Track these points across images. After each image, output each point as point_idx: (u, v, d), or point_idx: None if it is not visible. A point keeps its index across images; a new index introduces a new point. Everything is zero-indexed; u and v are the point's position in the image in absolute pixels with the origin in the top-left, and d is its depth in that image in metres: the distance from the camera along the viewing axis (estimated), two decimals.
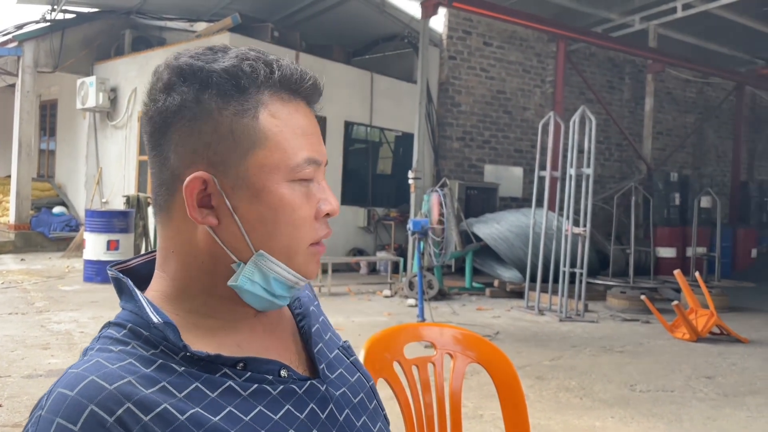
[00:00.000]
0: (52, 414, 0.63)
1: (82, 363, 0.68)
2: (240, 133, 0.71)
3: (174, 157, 0.72)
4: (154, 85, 0.73)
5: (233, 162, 0.71)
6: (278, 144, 0.73)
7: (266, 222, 0.73)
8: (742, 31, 12.03)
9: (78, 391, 0.64)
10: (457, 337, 1.58)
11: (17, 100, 10.80)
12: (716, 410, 3.98)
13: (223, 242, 0.73)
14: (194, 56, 0.73)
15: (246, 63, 0.72)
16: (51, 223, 11.06)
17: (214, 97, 0.71)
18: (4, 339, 4.94)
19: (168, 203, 0.74)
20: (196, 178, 0.71)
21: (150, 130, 0.74)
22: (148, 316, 0.71)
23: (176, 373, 0.69)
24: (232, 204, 0.72)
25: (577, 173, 6.97)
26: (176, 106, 0.71)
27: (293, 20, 10.98)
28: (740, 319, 7.07)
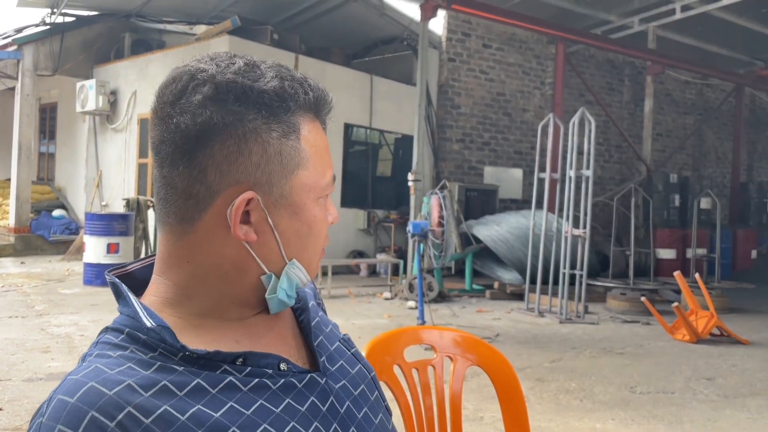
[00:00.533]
0: (53, 421, 0.63)
1: (81, 369, 0.68)
2: (287, 154, 0.74)
3: (214, 172, 0.71)
4: (185, 95, 0.71)
5: (278, 182, 0.74)
6: (314, 165, 0.76)
7: (301, 236, 0.77)
8: (742, 33, 12.05)
9: (78, 398, 0.64)
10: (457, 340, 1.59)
11: (17, 103, 10.81)
12: (717, 412, 3.98)
13: (258, 255, 0.75)
14: (237, 72, 0.72)
15: (287, 83, 0.73)
16: (51, 226, 11.06)
17: (265, 117, 0.72)
18: (4, 342, 4.93)
19: (193, 216, 0.73)
20: (245, 198, 0.72)
21: (179, 141, 0.71)
22: (141, 321, 0.71)
23: (176, 372, 0.69)
24: (273, 221, 0.74)
25: (577, 175, 6.98)
26: (224, 123, 0.70)
27: (293, 23, 11.00)
28: (740, 321, 7.07)
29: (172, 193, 0.73)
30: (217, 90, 0.71)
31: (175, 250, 0.75)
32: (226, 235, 0.73)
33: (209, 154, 0.71)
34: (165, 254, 0.77)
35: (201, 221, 0.73)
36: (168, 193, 0.74)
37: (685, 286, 6.27)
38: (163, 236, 0.77)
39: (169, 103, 0.72)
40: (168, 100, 0.72)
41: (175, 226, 0.75)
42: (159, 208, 0.76)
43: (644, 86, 12.68)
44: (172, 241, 0.76)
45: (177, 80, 0.73)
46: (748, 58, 13.92)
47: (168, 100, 0.72)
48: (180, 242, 0.75)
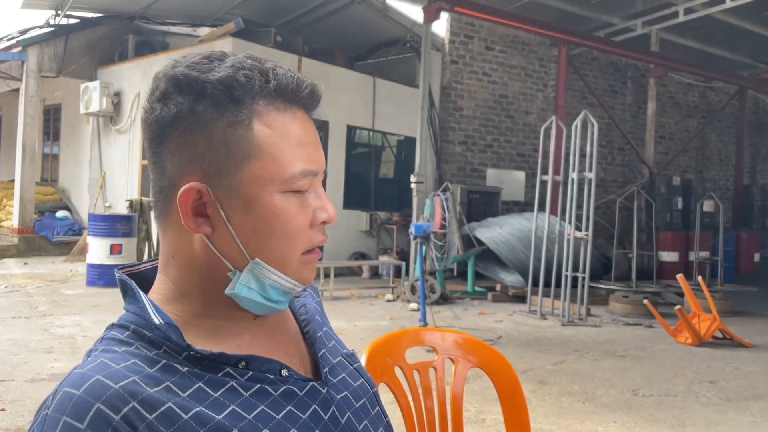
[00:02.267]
0: (59, 413, 0.64)
1: (86, 363, 0.69)
2: (234, 144, 0.72)
3: (170, 165, 0.73)
4: (151, 93, 0.74)
5: (227, 173, 0.72)
6: (272, 156, 0.73)
7: (260, 232, 0.73)
8: (745, 35, 12.04)
9: (84, 390, 0.65)
10: (458, 342, 1.59)
11: (21, 105, 10.84)
12: (719, 415, 3.97)
13: (219, 250, 0.74)
14: (190, 66, 0.73)
15: (241, 73, 0.72)
16: (54, 227, 11.09)
17: (209, 108, 0.71)
18: (8, 343, 4.95)
19: (166, 209, 0.76)
20: (191, 189, 0.72)
21: (148, 138, 0.75)
22: (150, 318, 0.72)
23: (180, 373, 0.70)
24: (225, 214, 0.73)
25: (579, 177, 6.98)
26: (172, 116, 0.72)
27: (296, 25, 11.02)
28: (743, 324, 7.06)
29: (153, 189, 0.77)
30: (167, 84, 0.73)
31: (163, 246, 0.78)
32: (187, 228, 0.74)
33: (165, 148, 0.73)
34: (161, 250, 0.80)
35: (171, 214, 0.75)
36: (153, 190, 0.77)
37: (688, 289, 6.26)
38: (159, 234, 0.81)
39: (146, 103, 0.76)
40: (146, 99, 0.76)
41: (159, 221, 0.78)
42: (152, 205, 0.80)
43: (647, 89, 12.67)
44: (161, 237, 0.79)
45: (153, 80, 0.76)
46: (752, 60, 13.90)
47: (146, 99, 0.76)
48: (164, 237, 0.77)
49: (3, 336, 5.16)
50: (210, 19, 11.00)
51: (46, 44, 10.98)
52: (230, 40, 9.18)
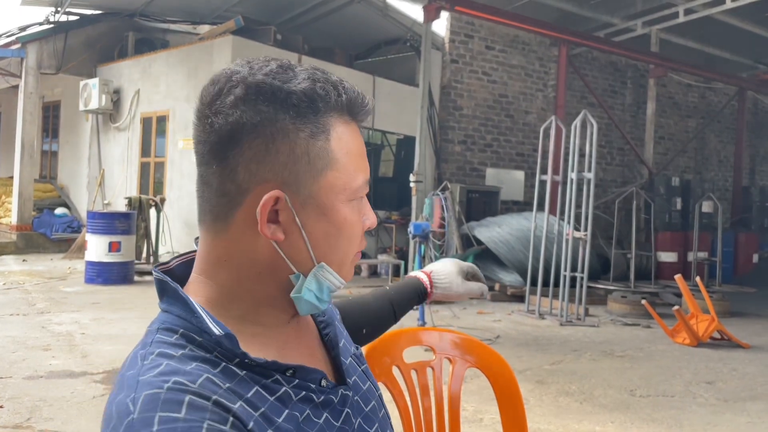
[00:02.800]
0: (150, 412, 0.63)
1: (152, 367, 0.68)
2: (314, 155, 0.74)
3: (244, 171, 0.73)
4: (219, 96, 0.73)
5: (305, 182, 0.74)
6: (345, 166, 0.77)
7: (329, 237, 0.77)
8: (745, 36, 12.04)
9: (169, 388, 0.65)
10: (456, 342, 1.59)
11: (20, 102, 10.83)
12: (717, 416, 3.97)
13: (286, 255, 0.75)
14: (269, 74, 0.74)
15: (318, 85, 0.74)
16: (53, 224, 11.08)
17: (293, 118, 0.73)
18: (6, 340, 4.95)
19: (227, 214, 0.75)
20: (272, 197, 0.73)
21: (214, 141, 0.73)
22: (208, 328, 0.72)
23: (239, 376, 0.71)
24: (300, 220, 0.75)
25: (579, 177, 6.98)
26: (253, 123, 0.72)
27: (296, 23, 11.01)
28: (741, 325, 7.07)
29: (208, 191, 0.76)
30: (247, 91, 0.72)
31: (213, 249, 0.77)
32: (256, 233, 0.74)
33: (239, 153, 0.73)
34: (205, 252, 0.78)
35: (233, 219, 0.75)
36: (204, 191, 0.76)
37: (686, 290, 6.26)
38: (202, 234, 0.78)
39: (207, 104, 0.74)
40: (206, 101, 0.75)
41: (211, 224, 0.76)
42: (198, 205, 0.78)
43: (647, 89, 12.67)
44: (209, 239, 0.77)
45: (215, 82, 0.75)
46: (751, 61, 13.90)
47: (206, 101, 0.75)
48: (216, 239, 0.76)
49: (1, 333, 5.16)
50: (210, 17, 10.99)
51: (46, 41, 10.97)
52: (230, 38, 9.18)
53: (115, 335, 5.25)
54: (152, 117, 10.53)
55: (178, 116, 9.97)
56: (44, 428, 3.28)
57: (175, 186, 9.94)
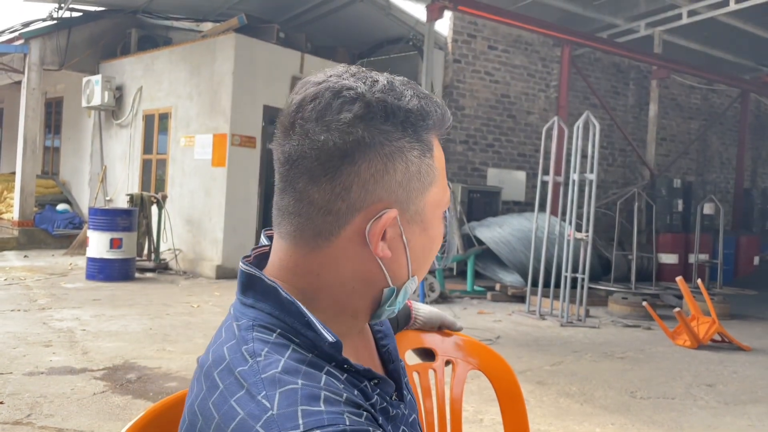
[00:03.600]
0: (291, 407, 0.63)
1: (269, 364, 0.68)
2: (425, 173, 0.75)
3: (359, 190, 0.72)
4: (331, 112, 0.71)
5: (414, 199, 0.75)
6: (441, 182, 0.79)
7: (425, 252, 0.79)
8: (748, 38, 12.03)
9: (303, 383, 0.65)
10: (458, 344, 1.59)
11: (23, 98, 10.83)
12: (717, 418, 3.97)
13: (388, 271, 0.75)
14: (383, 90, 0.72)
15: (424, 102, 0.74)
16: (55, 220, 11.09)
17: (410, 137, 0.73)
18: (6, 336, 4.95)
19: (331, 231, 0.73)
20: (391, 217, 0.73)
21: (324, 157, 0.71)
22: (323, 336, 0.71)
23: (341, 378, 0.71)
24: (406, 237, 0.75)
25: (580, 178, 6.98)
26: (373, 142, 0.71)
27: (299, 21, 11.01)
28: (742, 327, 7.06)
29: (307, 208, 0.73)
30: (368, 109, 0.71)
31: (304, 263, 0.75)
32: (360, 251, 0.73)
33: (355, 172, 0.71)
34: (290, 265, 0.76)
35: (337, 237, 0.73)
36: (302, 208, 0.73)
37: (687, 292, 6.26)
38: (289, 247, 0.76)
39: (313, 119, 0.71)
40: (310, 116, 0.72)
41: (309, 241, 0.74)
42: (287, 220, 0.75)
43: (649, 90, 12.66)
44: (300, 254, 0.75)
45: (318, 97, 0.72)
46: (754, 63, 13.89)
47: (310, 116, 0.72)
48: (311, 255, 0.75)
49: (1, 329, 5.16)
50: (213, 14, 10.98)
51: (49, 37, 10.97)
52: (233, 36, 9.17)
53: (115, 332, 5.26)
54: (154, 114, 10.53)
55: (180, 113, 9.97)
56: (45, 425, 3.28)
57: (177, 183, 9.94)
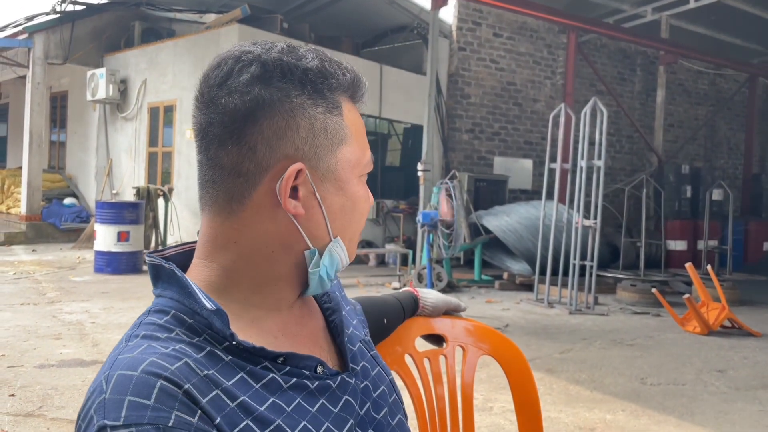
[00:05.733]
0: (121, 394, 0.63)
1: (131, 348, 0.69)
2: (332, 129, 0.76)
3: (264, 148, 0.73)
4: (232, 76, 0.73)
5: (324, 156, 0.75)
6: (357, 141, 0.79)
7: (345, 212, 0.79)
8: (756, 22, 11.89)
9: (142, 370, 0.64)
10: (469, 329, 1.57)
11: (28, 92, 10.85)
12: (728, 404, 3.96)
13: (304, 231, 0.76)
14: (281, 52, 0.75)
15: (327, 63, 0.76)
16: (62, 214, 11.13)
17: (310, 94, 0.74)
18: (17, 329, 4.98)
19: (243, 194, 0.74)
20: (295, 169, 0.73)
21: (228, 121, 0.73)
22: (201, 302, 0.71)
23: (223, 362, 0.70)
24: (320, 195, 0.76)
25: (588, 165, 6.93)
26: (272, 100, 0.72)
27: (302, 11, 10.96)
28: (752, 313, 7.03)
29: (220, 174, 0.74)
30: (263, 68, 0.73)
31: (222, 231, 0.76)
32: (274, 211, 0.74)
33: (258, 131, 0.72)
34: (211, 236, 0.77)
35: (250, 199, 0.74)
36: (215, 175, 0.75)
37: (697, 278, 6.22)
38: (209, 219, 0.77)
39: (216, 85, 0.74)
40: (215, 83, 0.74)
41: (224, 206, 0.75)
42: (205, 191, 0.76)
43: (656, 76, 12.56)
44: (218, 222, 0.76)
45: (222, 64, 0.74)
46: (763, 48, 13.75)
47: (215, 83, 0.74)
48: (227, 222, 0.75)
49: (12, 322, 5.19)
50: (216, 6, 10.95)
51: (53, 31, 10.97)
52: (236, 27, 9.14)
53: (125, 324, 5.27)
54: (159, 107, 10.53)
55: (185, 106, 9.95)
56: (56, 416, 3.30)
57: (183, 176, 9.94)
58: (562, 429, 3.45)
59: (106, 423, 0.62)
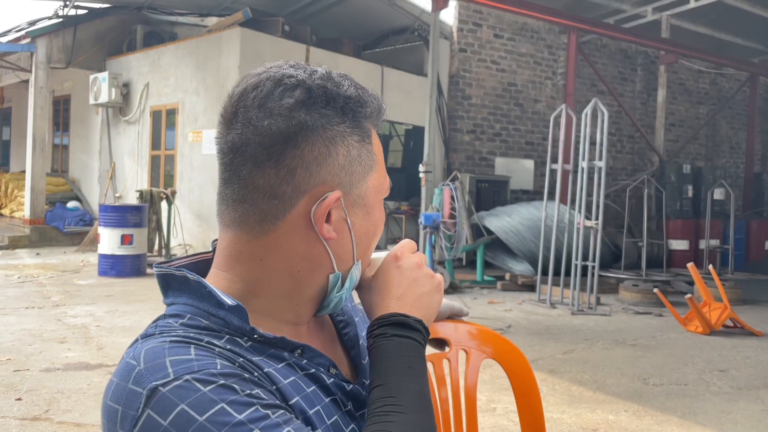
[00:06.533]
0: (158, 358, 0.66)
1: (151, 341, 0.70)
2: (365, 157, 0.79)
3: (303, 173, 0.74)
4: (273, 99, 0.74)
5: (356, 183, 0.78)
6: (381, 168, 0.82)
7: (369, 236, 0.81)
8: (756, 21, 11.89)
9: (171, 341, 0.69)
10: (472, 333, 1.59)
11: (31, 96, 10.89)
12: (730, 404, 3.97)
13: (333, 254, 0.77)
14: (323, 78, 0.76)
15: (361, 92, 0.79)
16: (65, 217, 11.17)
17: (350, 122, 0.77)
18: (22, 333, 5.01)
19: (276, 215, 0.75)
20: (335, 197, 0.75)
21: (268, 142, 0.73)
22: (220, 298, 0.73)
23: (243, 347, 0.72)
24: (350, 220, 0.78)
25: (589, 166, 6.95)
26: (315, 126, 0.74)
27: (304, 14, 10.98)
28: (754, 312, 7.04)
29: (252, 194, 0.75)
30: (309, 94, 0.74)
31: (248, 249, 0.76)
32: (306, 234, 0.75)
33: (299, 155, 0.74)
34: (234, 252, 0.77)
35: (283, 221, 0.75)
36: (247, 194, 0.75)
37: (699, 277, 6.24)
38: (234, 235, 0.77)
39: (256, 107, 0.74)
40: (253, 104, 0.74)
41: (254, 226, 0.75)
42: (232, 208, 0.76)
43: (657, 76, 12.56)
44: (245, 240, 0.76)
45: (260, 86, 0.75)
46: (763, 47, 13.75)
47: (253, 104, 0.74)
48: (255, 241, 0.76)
49: (17, 326, 5.22)
50: (218, 9, 10.98)
51: (55, 35, 11.01)
52: (238, 30, 9.17)
53: (129, 327, 5.30)
54: (162, 110, 10.56)
55: (187, 109, 9.99)
56: (63, 420, 3.32)
57: (186, 178, 9.97)
58: (565, 429, 3.47)
59: (155, 384, 0.64)
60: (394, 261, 0.84)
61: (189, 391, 0.63)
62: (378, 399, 0.72)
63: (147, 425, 0.63)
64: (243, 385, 0.65)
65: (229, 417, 0.62)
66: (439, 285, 0.86)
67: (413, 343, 0.77)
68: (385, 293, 0.81)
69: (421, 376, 0.76)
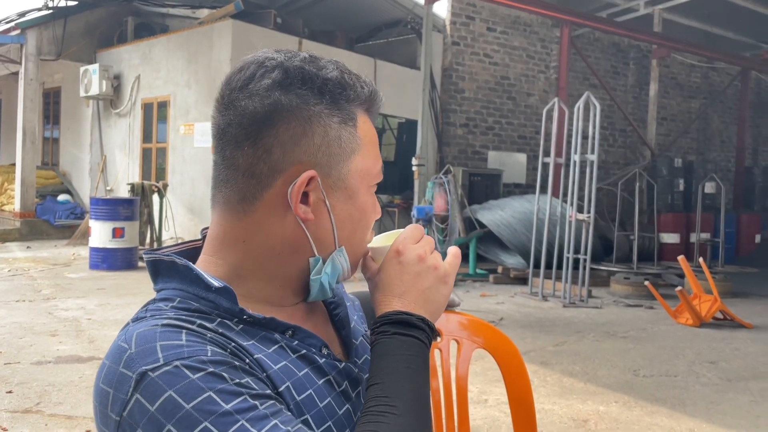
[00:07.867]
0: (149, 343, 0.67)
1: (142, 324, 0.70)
2: (345, 139, 0.78)
3: (279, 152, 0.75)
4: (254, 80, 0.75)
5: (336, 165, 0.77)
6: (369, 152, 0.81)
7: (352, 221, 0.80)
8: (748, 16, 11.94)
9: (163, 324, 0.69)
10: (463, 323, 1.60)
11: (21, 88, 10.80)
12: (719, 395, 4.01)
13: (312, 237, 0.77)
14: (304, 60, 0.77)
15: (346, 75, 0.79)
16: (56, 210, 11.10)
17: (328, 103, 0.77)
18: (13, 326, 4.98)
19: (255, 195, 0.76)
20: (308, 176, 0.75)
21: (246, 123, 0.75)
22: (208, 281, 0.73)
23: (234, 330, 0.73)
24: (329, 202, 0.77)
25: (581, 159, 6.97)
26: (291, 106, 0.75)
27: (296, 6, 10.94)
28: (744, 305, 7.09)
29: (233, 174, 0.76)
30: (285, 74, 0.75)
31: (231, 230, 0.78)
32: (284, 214, 0.76)
33: (274, 135, 0.75)
34: (220, 234, 0.78)
35: (261, 201, 0.76)
36: (229, 174, 0.77)
37: (689, 270, 6.28)
38: (219, 217, 0.79)
39: (237, 88, 0.76)
40: (236, 86, 0.76)
41: (235, 206, 0.77)
42: (218, 190, 0.78)
43: (649, 70, 12.60)
44: (229, 221, 0.78)
45: (245, 68, 0.77)
46: (755, 41, 13.80)
47: (236, 86, 0.76)
48: (238, 222, 0.77)
49: (8, 319, 5.20)
50: (209, 1, 10.91)
51: (45, 27, 10.91)
52: (230, 22, 9.12)
53: (121, 320, 5.29)
54: (153, 102, 10.50)
55: (179, 101, 9.94)
56: (54, 412, 3.32)
57: (177, 171, 9.93)
58: (556, 421, 3.49)
59: (145, 368, 0.64)
60: (396, 256, 0.80)
61: (177, 377, 0.63)
62: (372, 398, 0.71)
63: (135, 409, 0.63)
64: (233, 373, 0.65)
65: (216, 406, 0.62)
66: (445, 276, 0.84)
67: (415, 342, 0.75)
68: (388, 291, 0.79)
69: (420, 376, 0.73)
